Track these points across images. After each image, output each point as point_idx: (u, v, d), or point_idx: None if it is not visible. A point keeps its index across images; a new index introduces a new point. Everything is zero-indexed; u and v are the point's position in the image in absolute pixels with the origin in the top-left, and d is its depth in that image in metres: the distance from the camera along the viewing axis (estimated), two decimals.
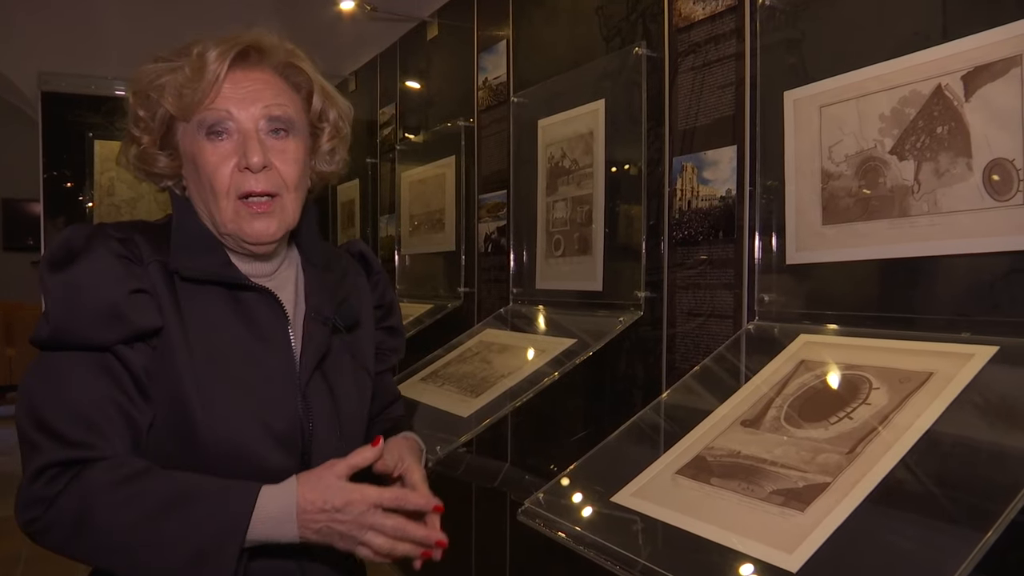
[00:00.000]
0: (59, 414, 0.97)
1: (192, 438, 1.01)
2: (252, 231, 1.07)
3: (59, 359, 1.00)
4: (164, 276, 1.04)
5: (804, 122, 1.50)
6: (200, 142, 1.05)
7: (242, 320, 1.08)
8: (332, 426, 1.11)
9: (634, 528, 1.26)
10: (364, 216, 3.97)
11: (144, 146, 1.10)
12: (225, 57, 1.05)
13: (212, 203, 1.07)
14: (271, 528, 0.97)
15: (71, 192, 4.67)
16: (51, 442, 0.96)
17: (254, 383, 1.06)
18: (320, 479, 0.99)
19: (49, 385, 0.99)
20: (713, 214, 1.75)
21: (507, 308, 2.53)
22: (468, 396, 2.08)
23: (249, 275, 1.12)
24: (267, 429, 1.05)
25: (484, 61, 2.80)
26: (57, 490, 0.95)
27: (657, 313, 1.92)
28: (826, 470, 1.14)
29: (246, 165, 1.04)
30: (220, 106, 1.05)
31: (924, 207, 1.30)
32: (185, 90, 1.04)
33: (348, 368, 1.18)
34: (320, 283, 1.19)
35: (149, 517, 0.95)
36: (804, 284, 1.54)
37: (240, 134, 1.06)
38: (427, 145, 3.23)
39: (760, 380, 1.45)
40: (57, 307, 0.99)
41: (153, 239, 1.06)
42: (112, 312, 0.99)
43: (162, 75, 1.06)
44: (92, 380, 0.99)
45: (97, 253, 1.00)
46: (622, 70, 2.04)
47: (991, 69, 1.20)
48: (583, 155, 2.19)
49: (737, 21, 1.70)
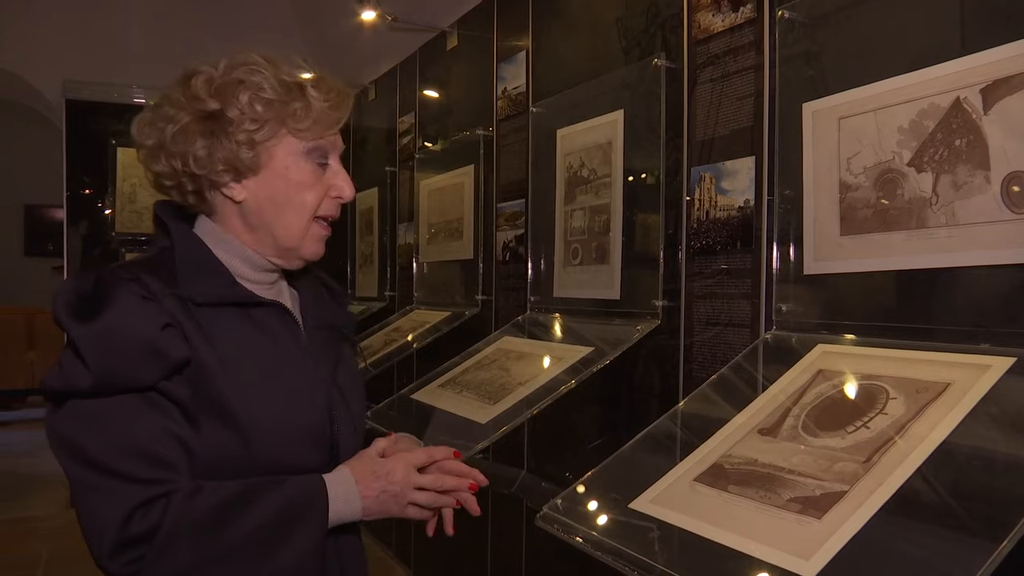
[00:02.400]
0: (124, 457, 0.98)
1: (243, 449, 1.05)
2: (315, 250, 1.18)
3: (103, 405, 1.00)
4: (181, 307, 1.05)
5: (822, 134, 1.51)
6: (302, 163, 1.13)
7: (262, 334, 1.12)
8: (349, 423, 1.20)
9: (651, 534, 1.27)
10: (382, 224, 4.00)
11: (185, 123, 1.08)
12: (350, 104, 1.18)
13: (283, 217, 1.12)
14: (341, 507, 1.08)
15: (92, 199, 4.73)
16: (127, 485, 0.97)
17: (287, 390, 1.12)
18: (362, 459, 1.13)
19: (101, 431, 0.99)
20: (731, 224, 1.76)
21: (525, 316, 2.54)
22: (486, 403, 2.09)
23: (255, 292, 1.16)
24: (306, 432, 1.12)
25: (503, 71, 2.83)
26: (154, 524, 0.96)
27: (675, 322, 1.93)
28: (843, 479, 1.15)
29: (338, 195, 1.17)
30: (332, 141, 1.16)
31: (942, 219, 1.30)
32: (324, 116, 1.13)
33: (351, 370, 1.28)
34: (313, 294, 1.26)
35: (241, 518, 1.00)
36: (822, 294, 1.55)
37: (331, 168, 1.17)
38: (446, 154, 3.26)
39: (777, 389, 1.46)
40: (97, 354, 0.98)
41: (157, 274, 1.06)
42: (151, 350, 1.00)
43: (308, 89, 1.12)
44: (145, 417, 1.00)
45: (123, 296, 1.00)
46: (641, 81, 2.05)
47: (1010, 82, 1.21)
48: (601, 165, 2.21)
49: (756, 33, 1.71)
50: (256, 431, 1.05)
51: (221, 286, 1.10)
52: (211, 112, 1.09)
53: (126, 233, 4.65)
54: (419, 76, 3.63)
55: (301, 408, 1.12)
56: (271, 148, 1.11)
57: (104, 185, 4.67)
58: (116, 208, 4.65)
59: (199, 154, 1.09)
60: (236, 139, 1.09)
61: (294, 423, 1.10)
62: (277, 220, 1.13)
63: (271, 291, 1.19)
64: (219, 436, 1.04)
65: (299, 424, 1.11)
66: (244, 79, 1.09)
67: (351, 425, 1.20)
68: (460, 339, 2.76)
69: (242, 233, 1.14)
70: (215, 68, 1.11)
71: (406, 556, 3.68)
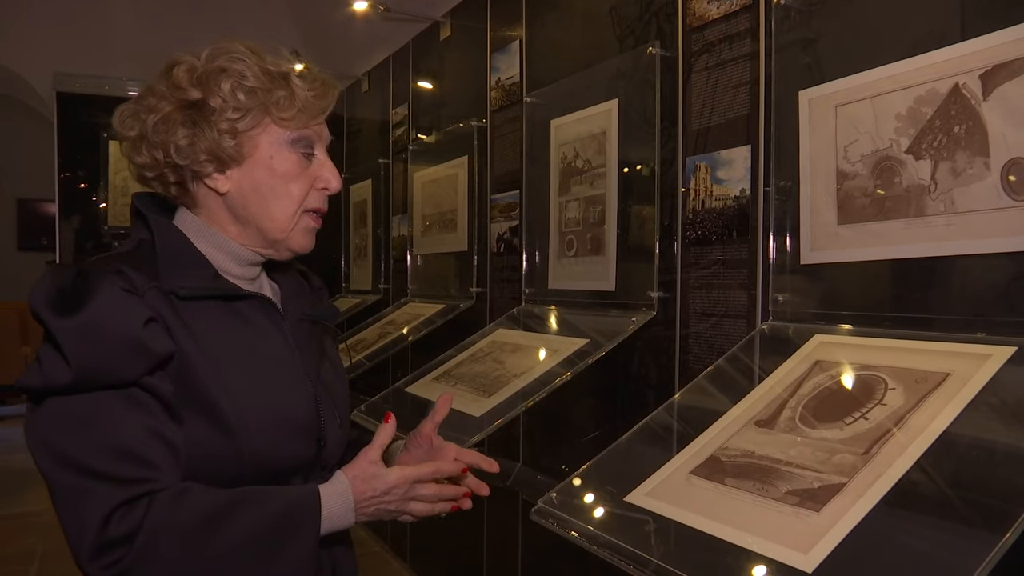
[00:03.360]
0: (105, 456, 0.96)
1: (229, 444, 1.03)
2: (305, 243, 1.16)
3: (83, 402, 0.97)
4: (164, 300, 1.03)
5: (819, 122, 1.50)
6: (287, 153, 1.11)
7: (246, 327, 1.11)
8: (333, 413, 1.19)
9: (647, 528, 1.26)
10: (376, 216, 3.98)
11: (167, 113, 1.07)
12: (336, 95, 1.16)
13: (268, 208, 1.11)
14: (335, 522, 1.06)
15: (85, 192, 4.70)
16: (107, 485, 0.95)
17: (273, 383, 1.10)
18: (364, 471, 1.08)
19: (81, 430, 0.97)
20: (727, 214, 1.75)
21: (519, 308, 2.53)
22: (481, 396, 2.08)
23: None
24: (293, 424, 1.11)
25: (497, 61, 2.81)
26: (134, 527, 0.94)
27: (670, 313, 1.92)
28: (841, 471, 1.13)
29: (324, 186, 1.15)
30: (318, 131, 1.15)
31: (940, 207, 1.29)
32: (309, 105, 1.11)
33: (334, 362, 1.27)
34: (296, 286, 1.25)
35: (231, 527, 0.98)
36: (819, 284, 1.53)
37: (317, 159, 1.15)
38: (439, 145, 3.24)
39: (774, 380, 1.44)
40: (78, 350, 0.96)
41: (137, 267, 1.04)
42: (135, 345, 0.97)
43: (293, 78, 1.10)
44: (127, 415, 0.98)
45: (105, 290, 0.98)
46: (635, 70, 2.03)
47: (1009, 68, 1.19)
48: (596, 155, 2.19)
49: (752, 20, 1.69)
50: (242, 425, 1.03)
51: (204, 279, 1.09)
52: (193, 101, 1.07)
53: (119, 226, 4.63)
54: (412, 67, 3.60)
55: (288, 401, 1.11)
56: (255, 137, 1.09)
57: (96, 178, 4.65)
58: (108, 201, 4.63)
59: (181, 144, 1.07)
60: (218, 128, 1.07)
61: (281, 417, 1.09)
62: (263, 211, 1.11)
63: (253, 284, 1.17)
64: (204, 431, 1.02)
65: (286, 417, 1.10)
66: (226, 67, 1.07)
67: (334, 413, 1.19)
68: (455, 332, 2.74)
69: (228, 225, 1.12)
70: (197, 57, 1.09)
71: (402, 550, 3.68)
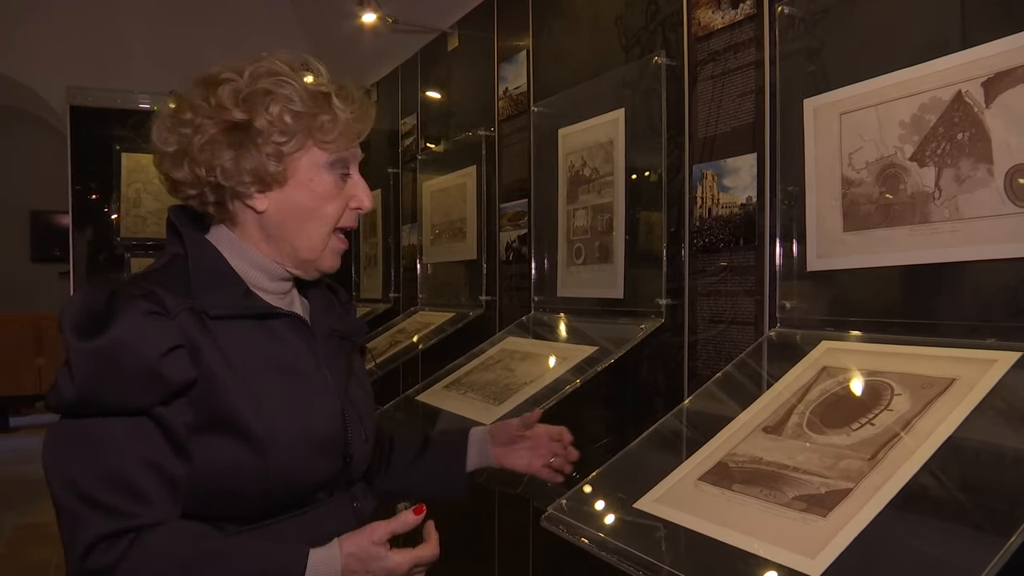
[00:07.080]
0: (100, 483, 0.96)
1: (257, 461, 1.04)
2: (333, 264, 1.19)
3: (90, 425, 0.98)
4: (195, 320, 1.03)
5: (824, 129, 1.51)
6: (325, 175, 1.13)
7: (276, 344, 1.12)
8: (359, 429, 1.19)
9: (657, 534, 1.27)
10: (386, 225, 4.00)
11: (212, 135, 1.07)
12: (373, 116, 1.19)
13: (305, 229, 1.12)
14: None
15: (98, 204, 4.74)
16: (95, 513, 0.95)
17: (302, 401, 1.11)
18: (362, 547, 1.04)
19: (84, 452, 0.97)
20: (734, 221, 1.76)
21: (529, 316, 2.54)
22: (491, 403, 2.09)
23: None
24: (320, 441, 1.12)
25: (504, 71, 2.83)
26: (112, 562, 0.94)
27: (678, 320, 1.93)
28: (848, 476, 1.14)
29: (357, 205, 1.18)
30: (354, 152, 1.17)
31: (945, 213, 1.30)
32: (349, 128, 1.13)
33: (361, 379, 1.28)
34: (325, 301, 1.26)
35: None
36: (825, 291, 1.54)
37: (352, 179, 1.18)
38: (448, 155, 3.26)
39: (782, 386, 1.45)
40: (87, 371, 0.96)
41: (171, 287, 1.04)
42: (150, 374, 0.98)
43: (334, 100, 1.12)
44: (127, 443, 0.98)
45: (129, 315, 0.98)
46: (642, 79, 2.05)
47: (1012, 75, 1.20)
48: (603, 164, 2.20)
49: (756, 29, 1.71)
50: (271, 442, 1.04)
51: (236, 297, 1.09)
52: (237, 122, 1.07)
53: (131, 238, 4.65)
54: (420, 77, 3.63)
55: (316, 418, 1.12)
56: (297, 159, 1.10)
57: (109, 190, 4.69)
58: (121, 213, 4.66)
59: (226, 165, 1.08)
60: (264, 151, 1.08)
61: (310, 434, 1.10)
62: (299, 232, 1.12)
63: (284, 300, 1.18)
64: (232, 449, 1.03)
65: (315, 436, 1.11)
66: (272, 90, 1.08)
67: (361, 430, 1.20)
68: (465, 340, 2.75)
69: (260, 243, 1.13)
70: (240, 76, 1.09)
71: None
